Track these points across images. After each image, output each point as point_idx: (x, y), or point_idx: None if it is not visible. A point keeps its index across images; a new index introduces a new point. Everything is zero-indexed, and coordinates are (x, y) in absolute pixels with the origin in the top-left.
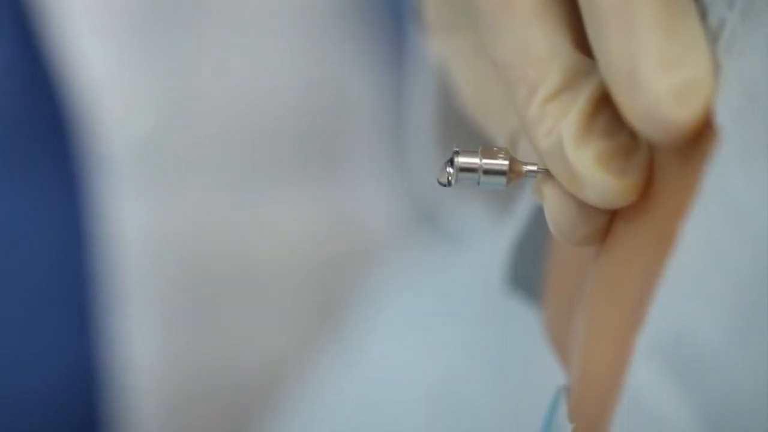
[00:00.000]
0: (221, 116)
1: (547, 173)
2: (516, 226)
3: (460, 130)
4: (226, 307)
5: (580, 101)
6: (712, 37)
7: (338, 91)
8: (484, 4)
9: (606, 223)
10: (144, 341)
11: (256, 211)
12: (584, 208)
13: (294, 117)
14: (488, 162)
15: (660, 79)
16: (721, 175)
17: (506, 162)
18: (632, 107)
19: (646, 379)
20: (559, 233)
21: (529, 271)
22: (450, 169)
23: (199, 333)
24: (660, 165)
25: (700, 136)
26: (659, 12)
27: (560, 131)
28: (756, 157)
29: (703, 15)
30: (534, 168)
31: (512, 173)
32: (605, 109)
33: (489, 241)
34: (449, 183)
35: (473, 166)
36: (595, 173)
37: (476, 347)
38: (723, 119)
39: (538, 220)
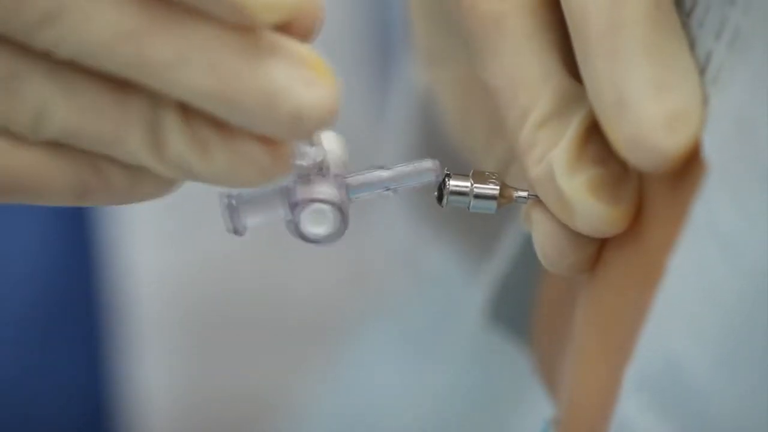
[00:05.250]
0: None
1: (537, 200)
2: (499, 263)
3: (444, 161)
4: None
5: (571, 128)
6: (700, 69)
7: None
8: (476, 27)
9: (595, 251)
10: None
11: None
12: (574, 235)
13: None
14: (479, 186)
15: (648, 107)
16: (710, 207)
17: (497, 187)
18: (620, 135)
19: (634, 410)
20: (547, 261)
21: (512, 307)
22: (441, 192)
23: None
24: (650, 194)
25: (688, 166)
26: (648, 37)
27: (551, 159)
28: (744, 190)
29: (691, 47)
30: (524, 194)
31: (503, 198)
32: (596, 136)
33: (471, 280)
34: (440, 206)
35: (464, 189)
36: (586, 201)
37: (460, 382)
38: (710, 151)
39: (521, 259)
